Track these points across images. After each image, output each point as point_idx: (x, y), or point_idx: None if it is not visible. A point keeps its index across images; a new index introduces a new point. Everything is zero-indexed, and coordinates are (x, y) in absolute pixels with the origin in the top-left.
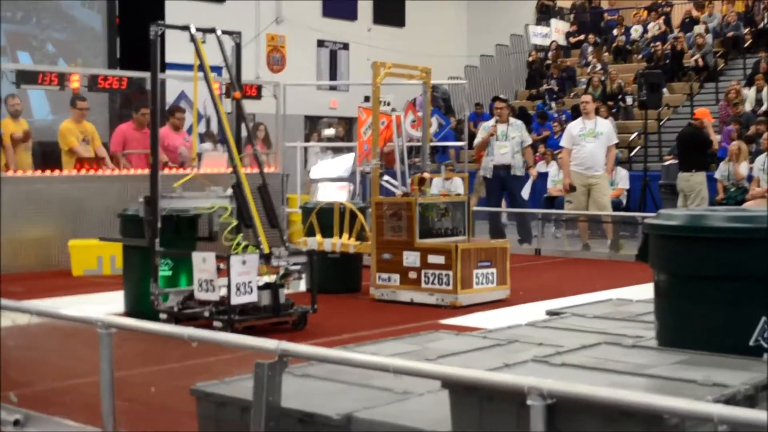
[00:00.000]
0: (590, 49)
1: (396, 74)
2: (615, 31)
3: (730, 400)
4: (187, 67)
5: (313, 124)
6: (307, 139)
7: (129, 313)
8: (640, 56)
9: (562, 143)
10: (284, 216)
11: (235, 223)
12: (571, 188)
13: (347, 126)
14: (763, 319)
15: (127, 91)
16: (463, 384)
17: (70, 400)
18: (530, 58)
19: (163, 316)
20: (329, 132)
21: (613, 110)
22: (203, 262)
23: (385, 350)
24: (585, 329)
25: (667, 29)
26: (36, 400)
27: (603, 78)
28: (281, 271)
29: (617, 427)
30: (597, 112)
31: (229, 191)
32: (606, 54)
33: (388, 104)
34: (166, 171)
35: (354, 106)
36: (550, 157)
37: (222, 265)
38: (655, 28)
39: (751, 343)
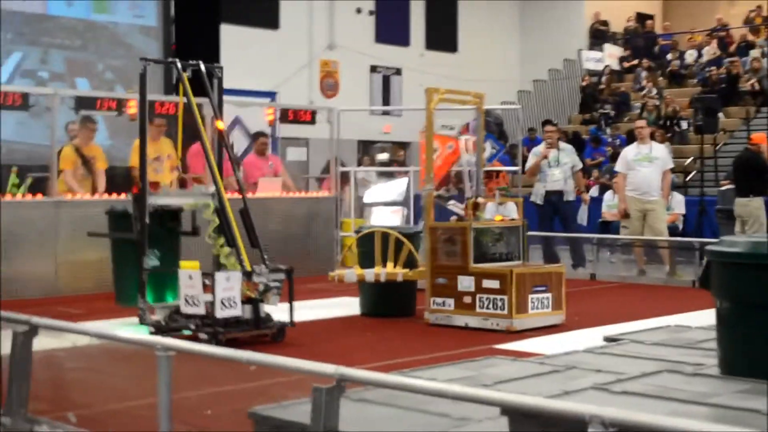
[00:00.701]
0: (644, 73)
1: (449, 100)
2: (669, 56)
3: None
4: (242, 93)
5: (366, 149)
6: (360, 163)
7: (118, 301)
8: (695, 81)
9: (618, 168)
10: (338, 240)
11: (217, 222)
12: (626, 213)
13: (401, 151)
14: None
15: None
16: (523, 411)
17: (128, 421)
18: (583, 83)
19: (151, 329)
20: (383, 157)
21: (668, 135)
22: (189, 279)
23: (441, 375)
24: (644, 356)
25: (722, 53)
26: (94, 421)
27: (657, 102)
28: (261, 288)
29: None
30: (652, 137)
31: (212, 188)
32: (660, 78)
33: (453, 129)
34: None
35: (407, 131)
36: (604, 181)
37: (207, 281)
38: (710, 52)
39: None
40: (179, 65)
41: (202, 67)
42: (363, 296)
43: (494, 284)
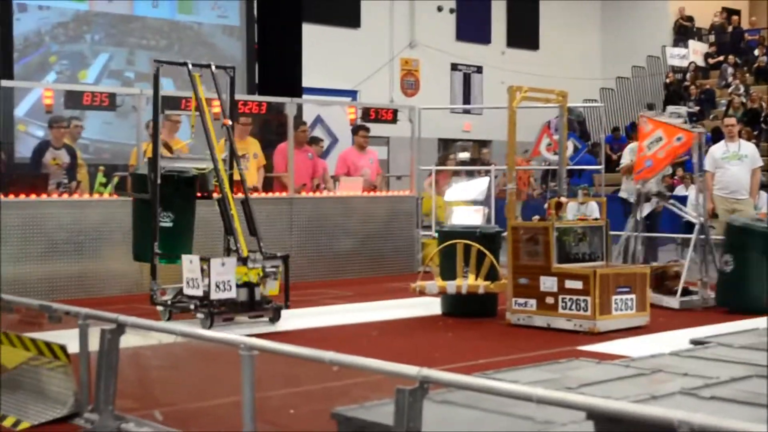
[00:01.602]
0: (730, 69)
1: (532, 98)
2: (756, 52)
3: None
4: (323, 92)
5: (446, 148)
6: (441, 162)
7: (135, 258)
8: None
9: (706, 167)
10: (418, 239)
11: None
12: (714, 213)
13: (484, 149)
14: None
15: (266, 116)
16: (609, 415)
17: (212, 420)
18: (667, 80)
19: (160, 308)
20: (464, 155)
21: (755, 132)
22: (190, 263)
23: (524, 378)
24: (732, 360)
25: None
26: (179, 419)
27: (744, 99)
28: (258, 273)
29: None
30: (740, 135)
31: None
32: (747, 75)
33: (681, 117)
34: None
35: (487, 130)
36: (689, 180)
37: (205, 266)
38: None
39: None
40: (190, 66)
41: (213, 68)
42: (444, 297)
43: (577, 285)
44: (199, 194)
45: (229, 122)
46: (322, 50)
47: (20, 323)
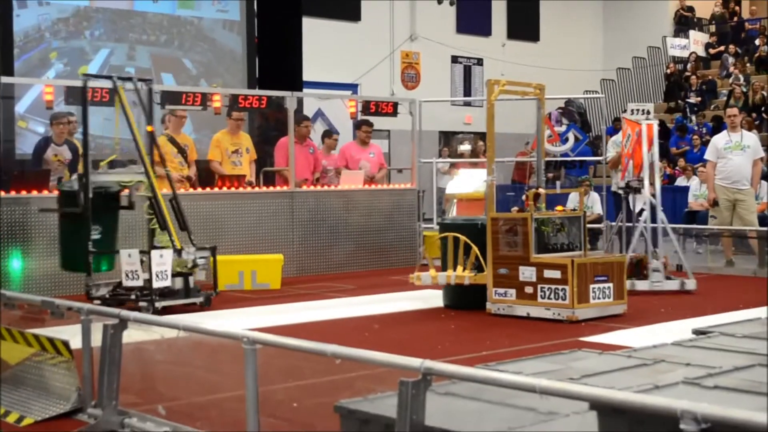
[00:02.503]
0: (731, 60)
1: (510, 91)
2: (757, 41)
3: None
4: (323, 86)
5: (447, 140)
6: (441, 155)
7: (64, 268)
8: None
9: (707, 156)
10: (419, 232)
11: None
12: (715, 203)
13: (481, 141)
14: None
15: (266, 110)
16: (612, 406)
17: (216, 414)
18: (668, 71)
19: (97, 302)
20: (464, 147)
21: (757, 122)
22: (129, 257)
23: (526, 369)
24: (735, 349)
25: None
26: (182, 413)
27: (745, 89)
28: (190, 264)
29: None
30: (741, 125)
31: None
32: (748, 65)
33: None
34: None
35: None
36: (691, 171)
37: (144, 258)
38: None
39: None
40: (116, 80)
41: (135, 80)
42: (446, 289)
43: (556, 274)
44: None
45: (152, 128)
46: (323, 44)
47: (23, 319)
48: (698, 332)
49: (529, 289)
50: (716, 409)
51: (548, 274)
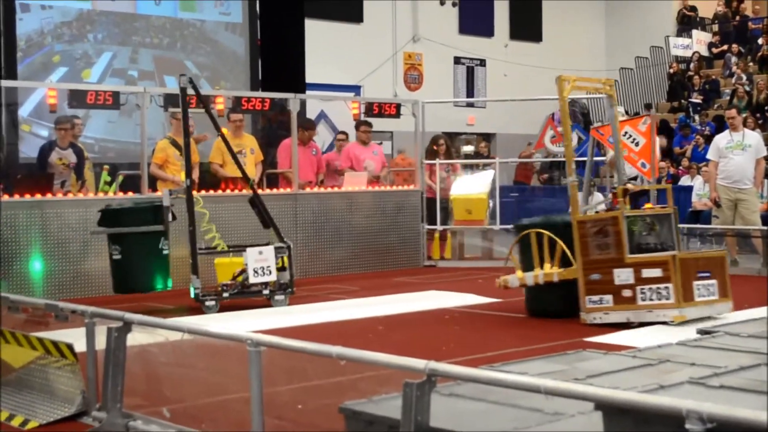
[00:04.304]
0: (734, 59)
1: (581, 87)
2: (760, 40)
3: None
4: (326, 87)
5: (450, 142)
6: (446, 156)
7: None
8: None
9: (709, 156)
10: (423, 233)
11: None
12: (717, 203)
13: (483, 142)
14: None
15: (269, 112)
16: (617, 406)
17: (221, 416)
18: (671, 70)
19: (210, 302)
20: (467, 149)
21: (760, 122)
22: (260, 254)
23: (531, 369)
24: (740, 349)
25: None
26: (188, 415)
27: (749, 89)
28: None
29: None
30: (744, 124)
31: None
32: (751, 64)
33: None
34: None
35: (491, 123)
36: (695, 170)
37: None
38: None
39: None
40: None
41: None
42: (527, 292)
43: (656, 273)
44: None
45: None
46: (325, 45)
47: (27, 322)
48: (703, 332)
49: (627, 293)
50: (721, 408)
51: (647, 273)
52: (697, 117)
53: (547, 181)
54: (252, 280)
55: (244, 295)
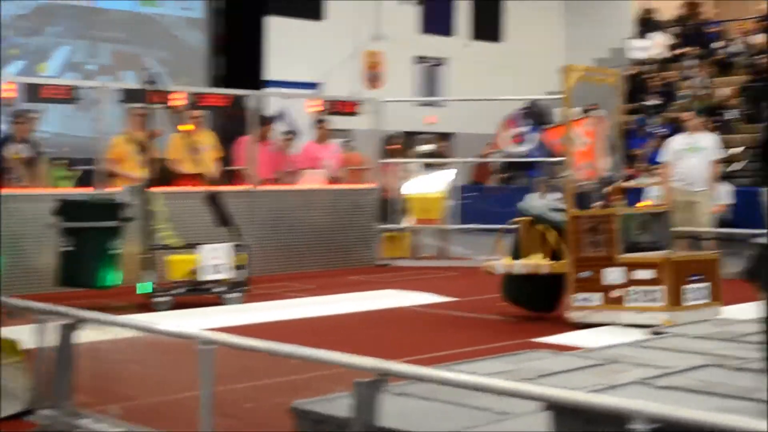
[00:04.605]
0: (692, 62)
1: (588, 78)
2: (717, 44)
3: None
4: (287, 84)
5: (410, 141)
6: (404, 155)
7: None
8: (744, 69)
9: (664, 157)
10: (378, 231)
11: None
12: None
13: (443, 142)
14: None
15: (228, 109)
16: (566, 406)
17: (170, 414)
18: (629, 72)
19: (163, 299)
20: (426, 148)
21: (716, 124)
22: (215, 251)
23: (482, 369)
24: (688, 350)
25: None
26: (138, 413)
27: (705, 92)
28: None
29: None
30: (700, 127)
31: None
32: (708, 67)
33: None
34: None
35: (452, 122)
36: (649, 173)
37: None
38: (758, 40)
39: None
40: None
41: None
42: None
43: (648, 275)
44: None
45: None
46: (286, 42)
47: None
48: (654, 332)
49: (616, 293)
50: (667, 408)
51: (638, 274)
52: (654, 119)
53: (506, 181)
54: (206, 277)
55: (197, 293)
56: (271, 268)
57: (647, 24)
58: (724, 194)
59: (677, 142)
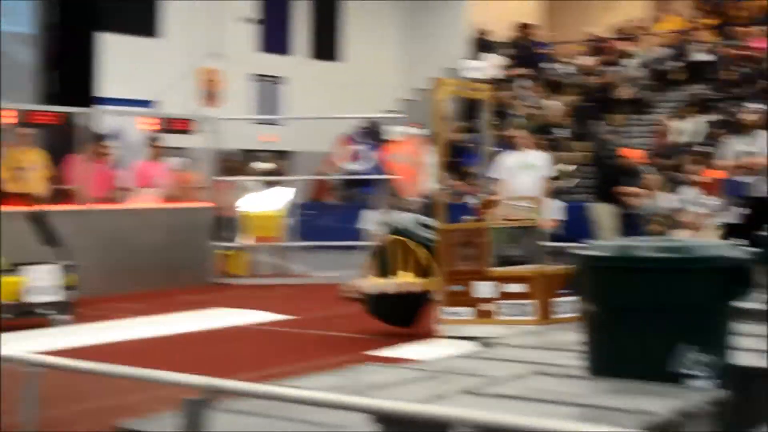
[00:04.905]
0: (524, 82)
1: (458, 92)
2: (549, 64)
3: (656, 428)
4: (121, 102)
5: (248, 159)
6: (241, 173)
7: None
8: (574, 89)
9: (495, 174)
10: (212, 249)
11: None
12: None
13: (281, 161)
14: (687, 347)
15: (59, 127)
16: (393, 417)
17: None
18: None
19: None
20: (265, 166)
21: (547, 142)
22: (44, 272)
23: (314, 384)
24: (517, 359)
25: (600, 63)
26: None
27: (537, 111)
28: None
29: None
30: (532, 145)
31: None
32: (540, 87)
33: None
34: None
35: (290, 141)
36: (475, 187)
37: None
38: (588, 61)
39: (676, 371)
40: None
41: None
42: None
43: (519, 288)
44: None
45: None
46: (121, 60)
47: None
48: (484, 344)
49: (487, 307)
50: (491, 416)
51: (509, 288)
52: (488, 137)
53: (344, 199)
54: (33, 299)
55: (24, 315)
56: (104, 288)
57: (481, 44)
58: (556, 210)
59: (510, 159)
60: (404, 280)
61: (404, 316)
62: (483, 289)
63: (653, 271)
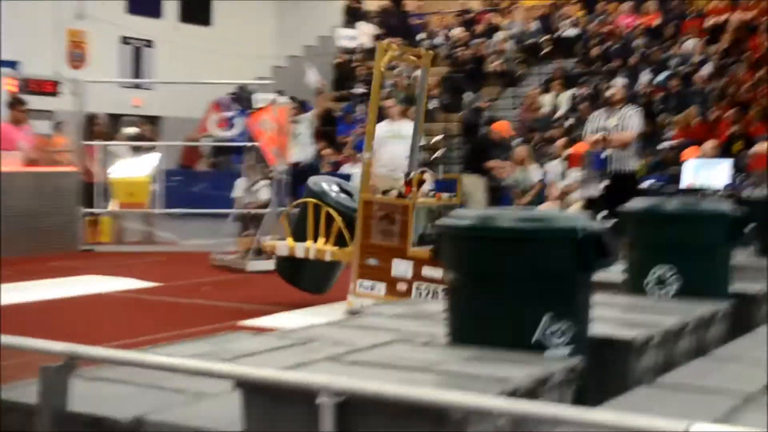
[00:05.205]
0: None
1: (399, 58)
2: (421, 35)
3: (512, 394)
4: None
5: (115, 123)
6: (109, 138)
7: None
8: (445, 61)
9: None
10: (80, 216)
11: None
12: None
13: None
14: (546, 316)
15: None
16: (254, 383)
17: None
18: (337, 60)
19: None
20: (131, 131)
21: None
22: None
23: (180, 352)
24: (382, 328)
25: (471, 35)
26: None
27: (408, 81)
28: None
29: (406, 423)
30: (403, 115)
31: None
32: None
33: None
34: None
35: (158, 105)
36: (356, 158)
37: None
38: (459, 33)
39: (534, 339)
40: None
41: None
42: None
43: (437, 273)
44: None
45: None
46: None
47: None
48: (351, 312)
49: (402, 286)
50: (350, 382)
51: (427, 271)
52: (360, 107)
53: (214, 166)
54: None
55: None
56: None
57: (354, 14)
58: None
59: (381, 129)
60: (317, 246)
61: (316, 283)
62: (401, 267)
63: (511, 240)
